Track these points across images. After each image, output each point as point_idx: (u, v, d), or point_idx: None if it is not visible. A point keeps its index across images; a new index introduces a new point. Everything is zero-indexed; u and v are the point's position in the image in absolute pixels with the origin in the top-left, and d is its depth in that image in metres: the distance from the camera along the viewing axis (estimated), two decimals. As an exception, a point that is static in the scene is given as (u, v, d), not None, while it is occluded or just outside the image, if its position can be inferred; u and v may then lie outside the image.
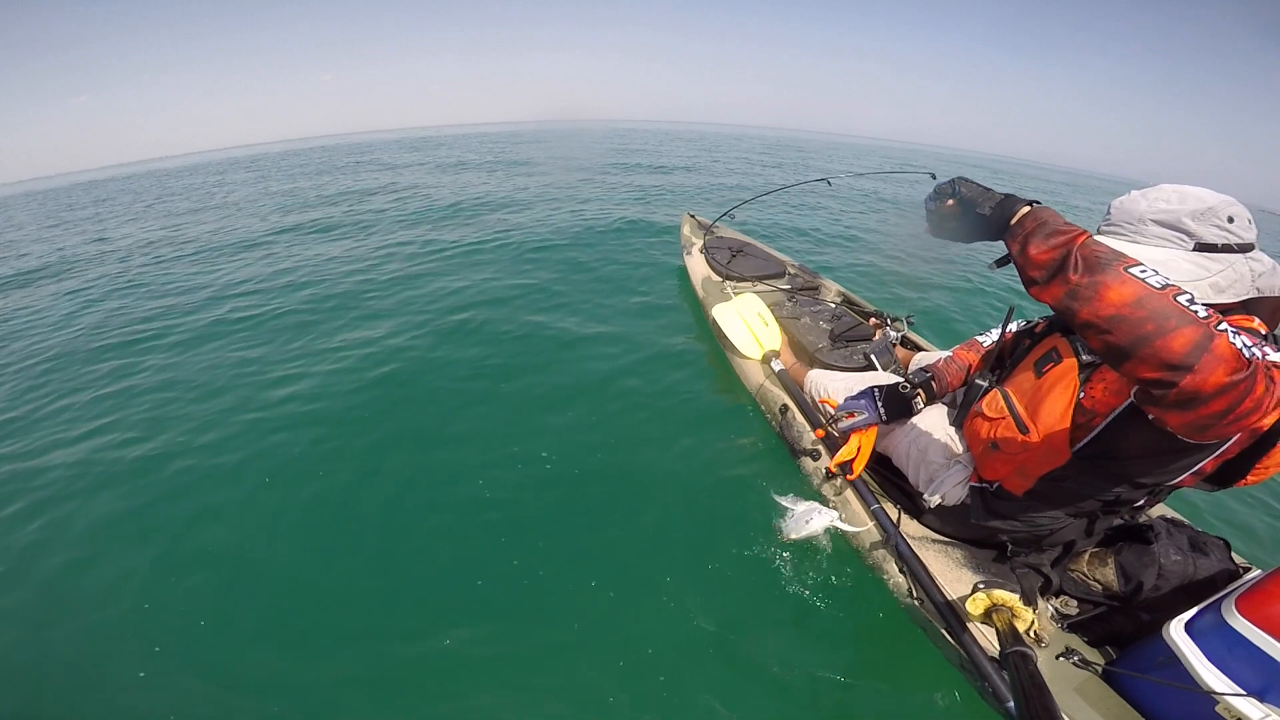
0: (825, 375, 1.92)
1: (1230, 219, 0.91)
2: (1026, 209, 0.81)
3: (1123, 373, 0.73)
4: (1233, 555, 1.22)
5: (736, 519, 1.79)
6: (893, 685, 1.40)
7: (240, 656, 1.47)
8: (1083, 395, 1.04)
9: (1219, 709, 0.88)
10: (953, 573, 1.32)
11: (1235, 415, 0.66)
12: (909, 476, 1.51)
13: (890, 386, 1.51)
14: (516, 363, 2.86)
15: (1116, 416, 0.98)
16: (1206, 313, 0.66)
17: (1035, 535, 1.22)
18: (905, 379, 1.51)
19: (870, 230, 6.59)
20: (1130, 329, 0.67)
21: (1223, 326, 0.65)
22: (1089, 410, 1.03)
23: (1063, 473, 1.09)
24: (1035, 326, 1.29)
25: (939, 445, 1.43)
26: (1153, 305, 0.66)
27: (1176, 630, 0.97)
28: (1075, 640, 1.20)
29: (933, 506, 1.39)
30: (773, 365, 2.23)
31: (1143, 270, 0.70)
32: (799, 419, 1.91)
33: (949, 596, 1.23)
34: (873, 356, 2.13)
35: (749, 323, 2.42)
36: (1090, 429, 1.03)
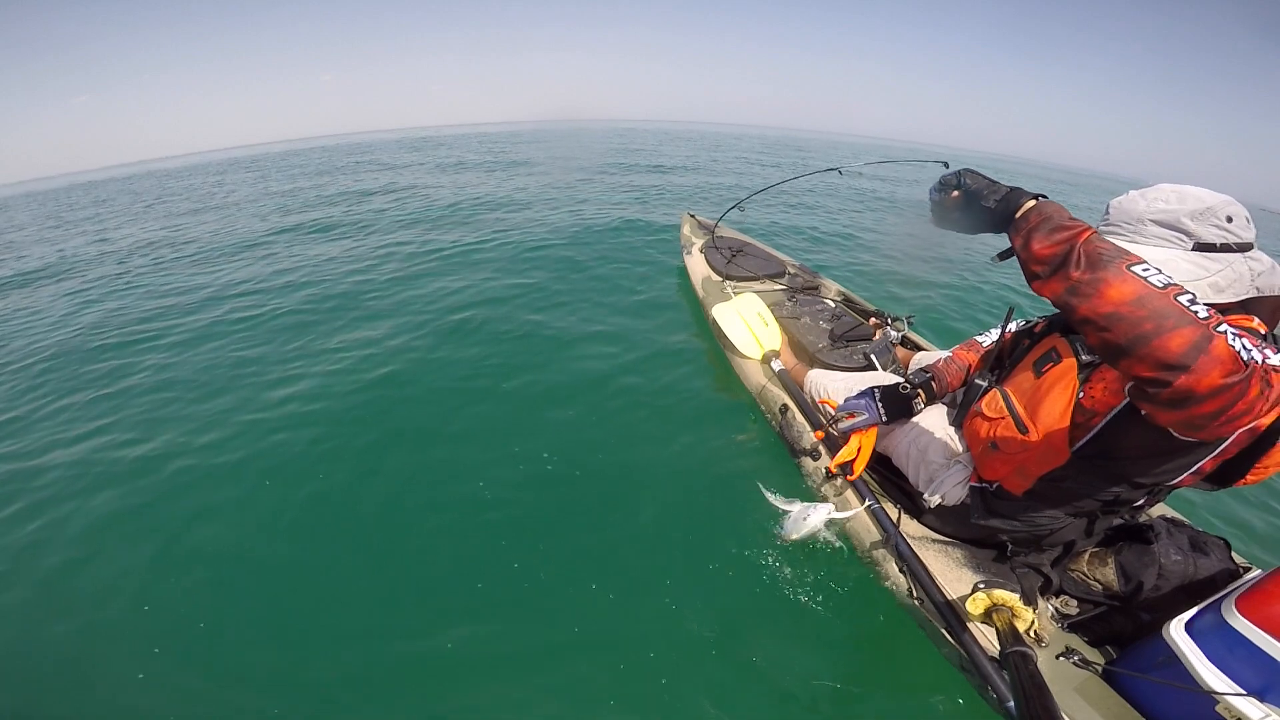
0: (825, 375, 1.92)
1: (1229, 218, 0.91)
2: (1032, 203, 0.80)
3: (1119, 370, 0.73)
4: (1233, 555, 1.22)
5: (736, 518, 1.79)
6: (893, 686, 1.40)
7: (239, 656, 1.47)
8: (1082, 395, 1.04)
9: (1219, 709, 0.88)
10: (953, 573, 1.32)
11: (1228, 417, 0.67)
12: (909, 476, 1.51)
13: (890, 387, 1.50)
14: (515, 362, 2.86)
15: (1116, 416, 0.98)
16: (1207, 313, 0.66)
17: (1035, 535, 1.22)
18: (905, 379, 1.51)
19: (867, 230, 6.58)
20: (1129, 327, 0.67)
21: (1222, 328, 0.65)
22: (1088, 410, 1.03)
23: (1062, 472, 1.09)
24: (1034, 326, 1.29)
25: (939, 445, 1.43)
26: (1152, 304, 0.66)
27: (1177, 630, 0.97)
28: (1075, 640, 1.20)
29: (933, 506, 1.38)
30: (773, 365, 2.23)
31: (1145, 269, 0.69)
32: (799, 419, 1.91)
33: (949, 596, 1.23)
34: (873, 356, 2.13)
35: (749, 322, 2.42)
36: (1090, 429, 1.03)
